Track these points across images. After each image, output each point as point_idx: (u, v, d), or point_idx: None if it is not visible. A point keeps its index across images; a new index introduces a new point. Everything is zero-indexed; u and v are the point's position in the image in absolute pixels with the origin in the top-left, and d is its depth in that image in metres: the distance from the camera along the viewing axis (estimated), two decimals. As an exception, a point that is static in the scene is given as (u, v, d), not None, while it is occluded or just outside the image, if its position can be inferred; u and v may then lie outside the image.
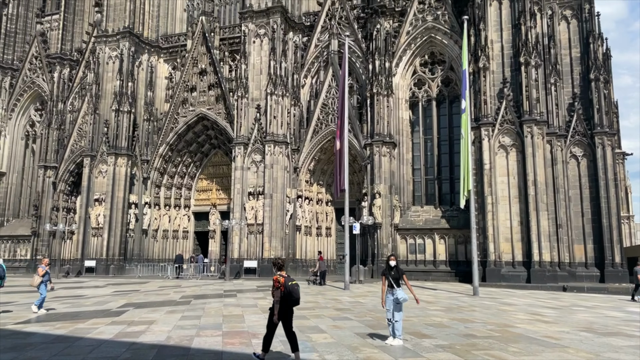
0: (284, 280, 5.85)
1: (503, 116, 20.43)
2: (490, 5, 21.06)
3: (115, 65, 27.92)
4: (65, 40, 31.88)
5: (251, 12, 25.76)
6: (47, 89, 31.95)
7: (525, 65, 20.07)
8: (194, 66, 28.10)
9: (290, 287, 5.84)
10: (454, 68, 23.94)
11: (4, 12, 33.64)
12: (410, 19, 24.04)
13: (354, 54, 24.99)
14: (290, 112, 25.48)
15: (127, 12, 28.26)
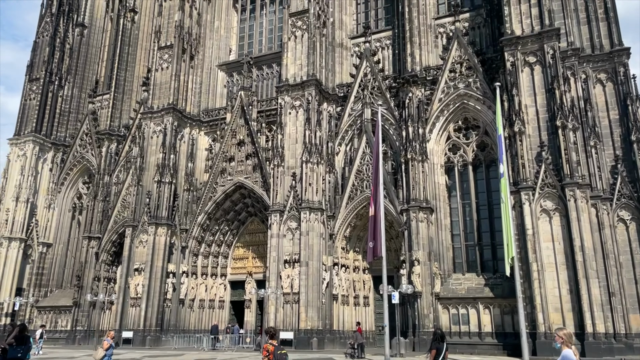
0: (273, 349, 5.67)
1: (543, 180, 20.01)
2: (522, 71, 21.31)
3: (158, 139, 29.37)
4: (114, 118, 34.05)
5: (287, 86, 26.91)
6: (95, 163, 33.70)
7: (563, 129, 19.87)
8: (232, 137, 29.17)
9: (278, 356, 5.64)
10: (488, 133, 23.92)
11: (60, 93, 36.40)
12: (441, 87, 24.50)
13: (387, 121, 25.43)
14: (325, 179, 25.79)
15: (172, 90, 30.06)
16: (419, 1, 26.00)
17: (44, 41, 36.71)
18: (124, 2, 36.29)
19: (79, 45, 37.33)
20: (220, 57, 32.80)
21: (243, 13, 33.66)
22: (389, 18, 28.76)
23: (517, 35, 21.57)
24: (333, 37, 28.67)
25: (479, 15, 25.64)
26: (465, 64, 24.16)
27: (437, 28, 26.41)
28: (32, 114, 35.19)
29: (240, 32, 33.77)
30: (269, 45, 32.28)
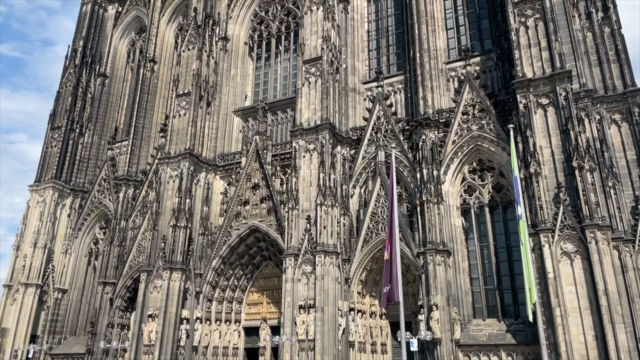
0: None
1: (562, 221, 19.62)
2: (535, 113, 21.34)
3: (175, 184, 29.74)
4: (132, 163, 34.75)
5: (301, 130, 27.26)
6: (112, 208, 34.14)
7: (580, 170, 19.65)
8: (247, 181, 29.40)
9: None
10: (504, 174, 23.76)
11: (80, 141, 37.42)
12: (455, 129, 24.57)
13: (401, 163, 25.46)
14: (340, 221, 25.64)
15: (188, 136, 30.69)
16: (430, 46, 26.52)
17: (66, 91, 38.08)
18: (144, 53, 37.71)
19: (100, 94, 38.67)
20: (236, 103, 33.57)
21: (258, 61, 34.66)
22: (400, 63, 29.32)
23: (529, 77, 21.76)
24: (346, 82, 29.24)
25: (490, 59, 26.00)
26: (477, 106, 24.33)
27: (449, 72, 26.80)
28: (52, 161, 36.10)
29: (255, 79, 34.67)
30: (283, 91, 33.02)
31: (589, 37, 23.12)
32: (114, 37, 40.37)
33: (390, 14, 30.89)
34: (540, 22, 22.19)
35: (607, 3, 23.46)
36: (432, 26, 27.10)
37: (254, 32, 34.88)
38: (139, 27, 40.45)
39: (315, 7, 29.33)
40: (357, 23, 30.99)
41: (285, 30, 33.88)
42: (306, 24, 29.43)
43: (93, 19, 39.94)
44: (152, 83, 36.68)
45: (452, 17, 28.60)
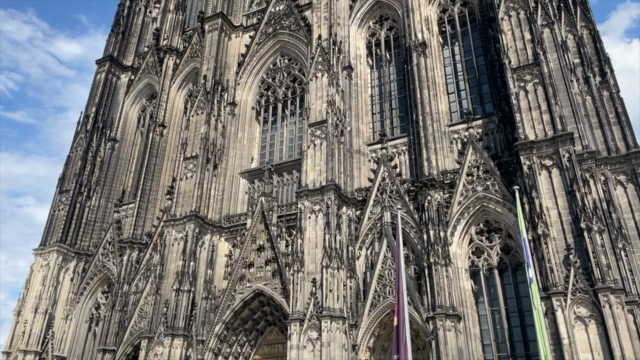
0: None
1: (574, 285, 19.15)
2: (540, 174, 21.44)
3: (179, 246, 29.58)
4: (137, 226, 34.78)
5: (307, 191, 27.40)
6: (116, 272, 33.79)
7: (588, 231, 19.44)
8: (252, 243, 29.20)
9: None
10: (511, 235, 23.50)
11: (88, 204, 37.72)
12: (460, 190, 24.62)
13: (407, 224, 25.34)
14: (347, 284, 25.15)
15: (195, 198, 30.89)
16: (432, 110, 27.15)
17: (76, 155, 38.85)
18: (154, 118, 38.77)
19: (110, 158, 39.41)
20: (243, 165, 34.02)
21: (265, 124, 35.49)
22: (403, 126, 29.90)
23: (531, 140, 22.05)
24: (350, 144, 29.71)
25: (492, 122, 26.48)
26: (481, 167, 24.51)
27: (452, 134, 27.26)
28: (59, 224, 36.20)
29: (262, 142, 35.33)
30: (289, 153, 33.53)
31: (588, 100, 23.66)
32: (125, 103, 41.74)
33: (392, 80, 31.87)
34: (539, 86, 22.81)
35: (604, 68, 24.21)
36: (434, 91, 27.88)
37: (261, 97, 35.97)
38: (150, 94, 41.86)
39: (320, 74, 30.40)
40: (361, 88, 31.93)
41: (291, 95, 34.92)
42: (311, 90, 30.38)
43: (106, 87, 41.45)
44: (161, 147, 37.46)
45: (453, 82, 29.47)
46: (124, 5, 45.66)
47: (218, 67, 35.46)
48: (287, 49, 35.67)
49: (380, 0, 32.87)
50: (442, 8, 31.25)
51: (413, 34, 29.24)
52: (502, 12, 25.51)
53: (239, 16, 38.26)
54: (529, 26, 24.49)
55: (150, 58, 41.64)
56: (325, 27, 31.96)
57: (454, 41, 30.48)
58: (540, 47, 23.38)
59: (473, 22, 29.96)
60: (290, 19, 35.58)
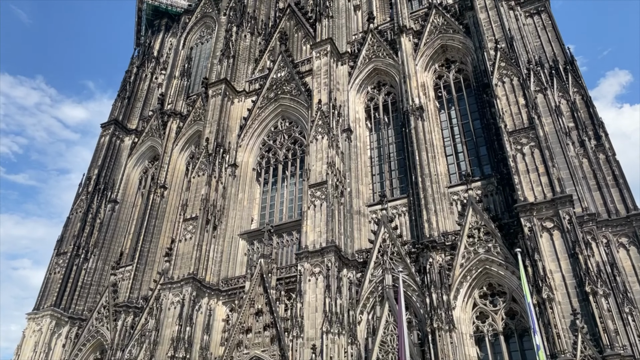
0: None
1: (582, 351, 18.49)
2: (541, 236, 21.33)
3: (176, 310, 28.84)
4: (134, 289, 34.11)
5: (307, 253, 27.13)
6: (109, 337, 32.69)
7: (593, 295, 19.05)
8: (250, 307, 28.51)
9: None
10: (516, 299, 22.98)
11: (84, 266, 37.17)
12: (462, 252, 24.37)
13: (409, 287, 24.87)
14: (348, 351, 24.27)
15: (193, 260, 30.52)
16: (431, 171, 27.45)
17: (76, 217, 38.78)
18: (155, 179, 39.09)
19: (109, 220, 39.32)
20: (242, 227, 33.89)
21: (265, 185, 35.74)
22: (403, 187, 30.10)
23: (531, 202, 22.13)
24: (351, 205, 29.76)
25: (490, 184, 26.68)
26: (482, 229, 24.41)
27: (451, 195, 27.39)
28: (54, 287, 35.49)
29: (262, 203, 35.42)
30: (289, 214, 33.52)
31: (585, 163, 24.00)
32: (127, 165, 42.26)
33: (391, 142, 32.47)
34: (535, 149, 23.20)
35: (598, 132, 24.75)
36: (432, 153, 28.33)
37: (262, 159, 36.48)
38: (152, 156, 42.52)
39: (320, 136, 31.02)
40: (360, 150, 32.46)
41: (291, 157, 35.43)
42: (312, 151, 30.88)
43: (110, 149, 42.15)
44: (161, 208, 37.52)
45: (451, 144, 30.01)
46: (131, 72, 47.48)
47: (220, 129, 36.25)
48: (288, 113, 36.62)
49: (378, 68, 34.16)
50: (437, 74, 32.43)
51: (410, 98, 30.14)
52: (496, 78, 26.43)
53: (241, 82, 39.59)
54: (522, 92, 25.30)
55: (155, 121, 42.70)
56: (325, 92, 32.99)
57: (450, 105, 31.36)
58: (534, 112, 24.04)
59: (468, 87, 30.98)
60: (292, 85, 36.81)
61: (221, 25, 45.43)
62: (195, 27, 49.29)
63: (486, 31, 28.62)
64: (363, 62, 34.78)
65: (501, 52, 26.96)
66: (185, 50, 48.13)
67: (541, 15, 30.74)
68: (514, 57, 26.63)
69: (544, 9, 30.90)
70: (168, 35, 50.64)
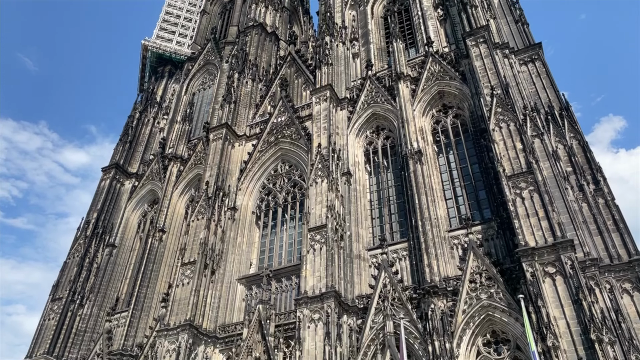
0: None
1: (591, 403, 17.90)
2: (544, 282, 21.03)
3: (171, 359, 28.04)
4: (129, 336, 33.26)
5: (306, 298, 26.67)
6: (102, 386, 31.72)
7: (599, 343, 18.57)
8: (248, 355, 27.74)
9: None
10: (520, 347, 22.38)
11: (79, 312, 36.41)
12: (464, 298, 23.96)
13: (411, 334, 24.29)
14: (348, 402, 23.45)
15: (190, 306, 29.95)
16: (431, 215, 27.40)
17: (73, 261, 38.34)
18: (154, 223, 38.96)
19: (106, 265, 38.86)
20: (241, 271, 33.48)
21: (265, 229, 35.58)
22: (403, 231, 29.96)
23: (532, 246, 21.96)
24: (350, 249, 29.51)
25: (491, 228, 26.56)
26: (484, 274, 24.11)
27: (451, 239, 27.21)
28: (47, 334, 34.65)
29: (261, 246, 35.15)
30: (288, 258, 33.21)
31: (585, 207, 23.98)
32: (127, 209, 42.19)
33: (390, 185, 32.58)
34: (535, 193, 23.26)
35: (596, 176, 24.88)
36: (432, 196, 28.37)
37: (262, 202, 36.51)
38: (152, 200, 42.53)
39: (320, 180, 31.17)
40: (360, 193, 32.51)
41: (291, 200, 35.48)
42: (311, 195, 30.94)
43: (109, 193, 42.20)
44: (159, 252, 37.19)
45: (450, 188, 30.11)
46: (133, 116, 48.29)
47: (221, 173, 36.46)
48: (288, 156, 36.97)
49: (377, 113, 34.76)
50: (435, 119, 32.95)
51: (409, 142, 30.49)
52: (493, 123, 26.84)
53: (242, 126, 40.17)
54: (519, 137, 25.62)
55: (155, 165, 43.00)
56: (324, 136, 33.42)
57: (449, 150, 31.68)
58: (532, 156, 24.25)
59: (466, 132, 31.40)
60: (292, 129, 37.35)
61: (223, 72, 46.63)
62: (198, 73, 50.55)
63: (482, 78, 29.31)
64: (362, 107, 35.43)
65: (497, 98, 27.50)
66: (187, 96, 49.14)
67: (535, 63, 31.55)
68: (510, 103, 27.14)
69: (538, 57, 31.75)
70: (171, 81, 51.84)
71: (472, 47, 31.05)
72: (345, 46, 40.09)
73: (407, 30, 39.97)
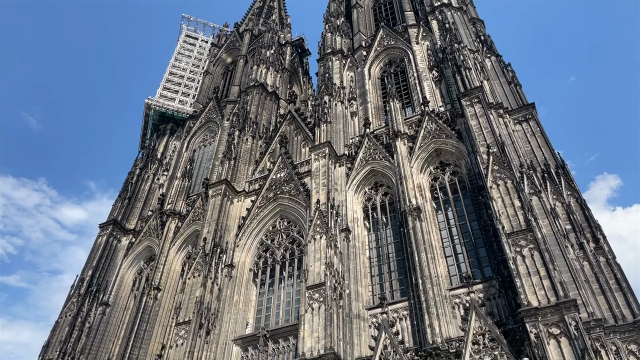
0: None
1: None
2: (549, 344, 20.38)
3: None
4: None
5: None
6: None
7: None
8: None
9: None
10: (527, 413, 21.42)
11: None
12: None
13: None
14: None
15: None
16: (431, 273, 27.01)
17: (65, 321, 37.25)
18: (150, 281, 38.20)
19: (99, 324, 37.71)
20: (237, 331, 32.51)
21: (262, 287, 34.92)
22: (403, 289, 29.40)
23: (535, 306, 21.46)
24: (350, 308, 28.84)
25: (492, 287, 26.09)
26: (487, 335, 23.44)
27: (453, 299, 26.66)
28: (32, 401, 33.23)
29: (258, 305, 34.34)
30: (286, 317, 32.38)
31: (586, 266, 23.72)
32: (122, 266, 41.48)
33: (390, 242, 32.33)
34: (535, 251, 23.04)
35: (596, 234, 24.78)
36: (432, 254, 28.10)
37: (259, 258, 36.07)
38: (148, 257, 41.94)
39: (318, 236, 30.98)
40: (359, 250, 32.20)
41: (289, 257, 35.08)
42: (310, 251, 30.63)
43: (106, 250, 41.62)
44: (153, 311, 36.23)
45: (450, 245, 29.85)
46: (133, 173, 48.62)
47: (218, 229, 36.26)
48: (286, 212, 36.94)
49: (375, 169, 35.13)
50: (433, 176, 33.24)
51: (407, 199, 30.58)
52: (491, 181, 27.05)
53: (242, 182, 40.42)
54: (517, 194, 25.74)
55: (153, 221, 42.74)
56: (323, 193, 33.57)
57: (447, 207, 31.73)
58: (531, 214, 24.25)
59: (464, 189, 31.58)
60: (291, 185, 37.57)
61: (224, 129, 47.54)
62: (199, 131, 51.51)
63: (478, 137, 29.86)
64: (360, 163, 35.84)
65: (493, 155, 27.89)
66: (188, 153, 49.77)
67: (529, 123, 32.30)
68: (506, 161, 27.49)
69: (532, 117, 32.55)
70: (172, 138, 52.70)
71: (467, 106, 31.87)
72: (344, 105, 41.14)
73: (404, 90, 41.20)
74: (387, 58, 44.90)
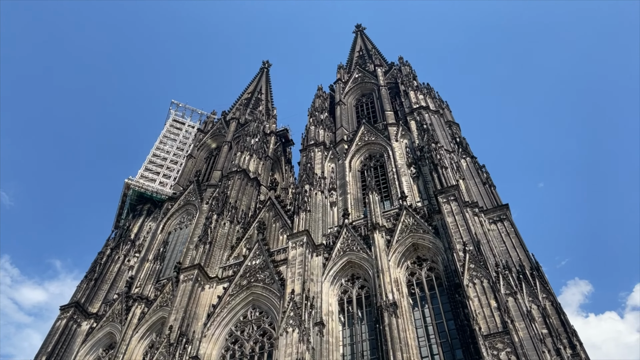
0: None
1: None
2: None
3: None
4: None
5: None
6: None
7: None
8: None
9: None
10: None
11: None
12: None
13: None
14: None
15: None
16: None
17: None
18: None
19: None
20: None
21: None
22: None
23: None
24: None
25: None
26: None
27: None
28: None
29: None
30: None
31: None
32: (79, 353, 38.12)
33: (365, 339, 31.12)
34: (512, 356, 22.34)
35: (572, 340, 24.27)
36: (407, 353, 27.01)
37: (227, 351, 34.04)
38: (108, 344, 38.90)
39: (291, 329, 29.74)
40: (332, 346, 30.78)
41: (259, 350, 33.25)
42: (280, 345, 29.21)
43: (64, 334, 38.62)
44: None
45: (426, 345, 28.79)
46: (104, 253, 46.76)
47: (186, 317, 34.52)
48: (259, 302, 35.64)
49: (352, 261, 34.76)
50: (410, 271, 32.94)
51: (384, 293, 30.00)
52: (467, 279, 26.91)
53: (215, 268, 39.30)
54: (493, 294, 25.52)
55: (118, 306, 40.27)
56: (299, 283, 32.78)
57: (424, 304, 31.11)
58: (507, 316, 23.87)
59: (440, 286, 31.21)
60: (265, 273, 36.64)
61: (202, 212, 47.11)
62: (177, 213, 50.88)
63: (454, 234, 30.16)
64: (338, 254, 35.51)
65: (470, 254, 28.00)
66: (163, 235, 48.68)
67: (504, 223, 32.93)
68: (482, 260, 27.58)
69: (506, 217, 33.27)
70: (148, 219, 51.76)
71: (444, 203, 32.53)
72: (324, 195, 41.64)
73: (383, 183, 42.17)
74: (368, 152, 46.45)
